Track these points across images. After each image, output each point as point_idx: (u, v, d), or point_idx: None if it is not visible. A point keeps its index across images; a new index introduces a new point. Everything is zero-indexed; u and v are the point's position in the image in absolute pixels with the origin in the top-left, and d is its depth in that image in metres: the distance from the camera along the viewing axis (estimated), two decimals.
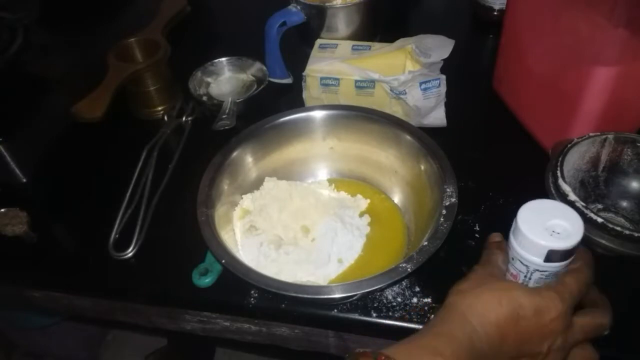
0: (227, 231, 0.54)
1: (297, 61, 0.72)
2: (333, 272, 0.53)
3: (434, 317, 0.40)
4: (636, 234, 0.45)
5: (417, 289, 0.52)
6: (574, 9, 0.52)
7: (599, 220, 0.46)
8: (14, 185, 0.67)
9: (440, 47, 0.68)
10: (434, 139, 0.55)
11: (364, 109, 0.60)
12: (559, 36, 0.55)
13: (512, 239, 0.39)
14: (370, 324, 0.50)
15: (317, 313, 0.51)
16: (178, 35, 0.81)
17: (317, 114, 0.60)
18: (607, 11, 0.47)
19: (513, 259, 0.39)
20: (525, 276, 0.39)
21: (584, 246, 0.38)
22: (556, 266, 0.37)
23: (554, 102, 0.59)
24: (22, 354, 1.25)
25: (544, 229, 0.37)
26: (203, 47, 0.87)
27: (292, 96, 0.73)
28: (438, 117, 0.66)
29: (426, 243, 0.46)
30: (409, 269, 0.45)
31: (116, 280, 0.56)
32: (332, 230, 0.55)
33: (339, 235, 0.55)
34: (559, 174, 0.50)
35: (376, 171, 0.61)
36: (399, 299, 0.51)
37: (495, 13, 0.81)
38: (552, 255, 0.36)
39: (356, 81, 0.65)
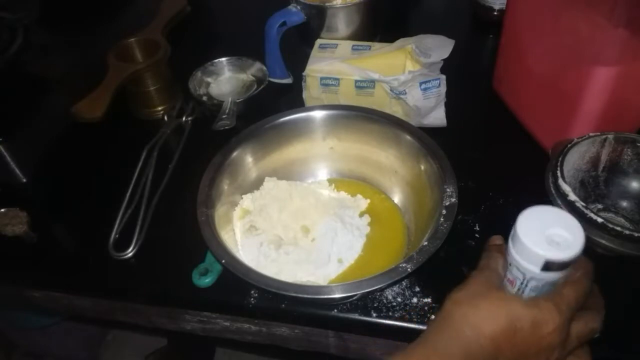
0: (227, 231, 0.54)
1: (297, 61, 0.72)
2: (333, 272, 0.53)
3: (429, 326, 0.39)
4: (636, 234, 0.45)
5: (417, 289, 0.52)
6: (574, 9, 0.52)
7: (599, 220, 0.46)
8: (14, 185, 0.67)
9: (440, 47, 0.68)
10: (434, 139, 0.55)
11: (364, 109, 0.60)
12: (559, 36, 0.55)
13: (510, 244, 0.37)
14: (370, 324, 0.50)
15: (317, 313, 0.51)
16: (178, 35, 0.81)
17: (317, 114, 0.60)
18: (607, 11, 0.47)
19: (510, 264, 0.38)
20: (521, 283, 0.38)
21: (584, 255, 0.37)
22: (553, 276, 0.36)
23: (554, 102, 0.59)
24: (22, 354, 1.25)
25: (543, 238, 0.35)
26: (203, 47, 0.87)
27: (292, 96, 0.73)
28: (438, 117, 0.66)
29: (426, 243, 0.46)
30: (409, 269, 0.45)
31: (116, 280, 0.56)
32: (332, 230, 0.55)
33: (339, 235, 0.55)
34: (559, 174, 0.50)
35: (376, 171, 0.61)
36: (399, 299, 0.51)
37: (495, 13, 0.81)
38: (550, 265, 0.35)
39: (356, 81, 0.65)
